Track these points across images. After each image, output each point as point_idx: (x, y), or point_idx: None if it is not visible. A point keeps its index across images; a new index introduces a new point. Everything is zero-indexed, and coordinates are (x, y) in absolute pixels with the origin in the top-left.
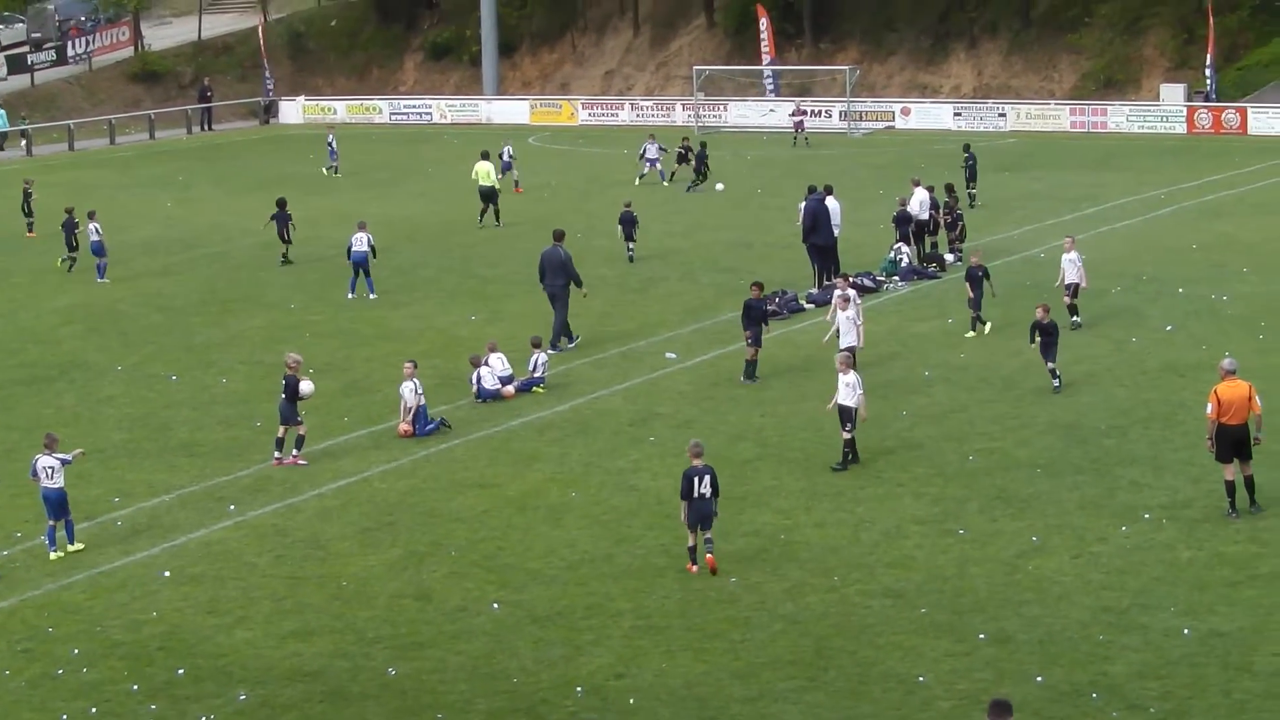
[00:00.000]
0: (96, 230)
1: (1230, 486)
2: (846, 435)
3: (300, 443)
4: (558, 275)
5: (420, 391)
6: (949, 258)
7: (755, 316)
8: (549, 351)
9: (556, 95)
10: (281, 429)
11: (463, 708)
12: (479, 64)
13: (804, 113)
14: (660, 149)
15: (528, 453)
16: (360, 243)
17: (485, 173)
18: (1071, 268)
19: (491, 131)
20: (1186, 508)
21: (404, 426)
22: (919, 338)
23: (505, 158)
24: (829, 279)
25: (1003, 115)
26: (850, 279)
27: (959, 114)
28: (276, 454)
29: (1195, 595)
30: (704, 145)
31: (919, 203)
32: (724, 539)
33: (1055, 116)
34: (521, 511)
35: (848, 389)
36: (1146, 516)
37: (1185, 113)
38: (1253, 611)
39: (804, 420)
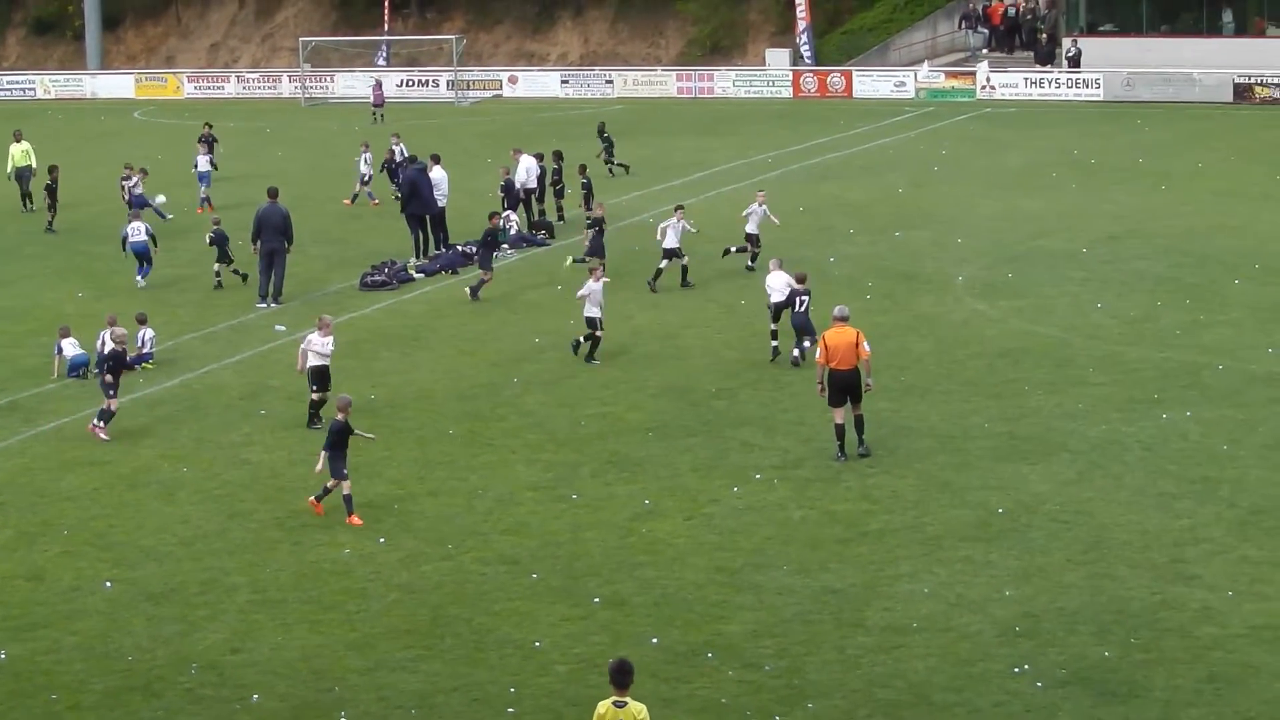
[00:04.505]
0: None
1: (839, 430)
2: (315, 397)
3: (108, 417)
4: (276, 232)
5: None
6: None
7: (489, 243)
8: (272, 305)
9: (162, 69)
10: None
11: (77, 688)
12: (83, 38)
13: (380, 86)
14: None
15: (138, 429)
16: (138, 232)
17: (22, 154)
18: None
19: (96, 106)
20: (798, 467)
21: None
22: (530, 305)
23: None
24: (438, 248)
25: (610, 82)
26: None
27: (566, 81)
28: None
29: (808, 553)
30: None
31: (526, 170)
32: (337, 510)
33: (662, 83)
34: (133, 489)
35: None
36: (758, 477)
37: (791, 77)
38: (864, 568)
39: (415, 391)
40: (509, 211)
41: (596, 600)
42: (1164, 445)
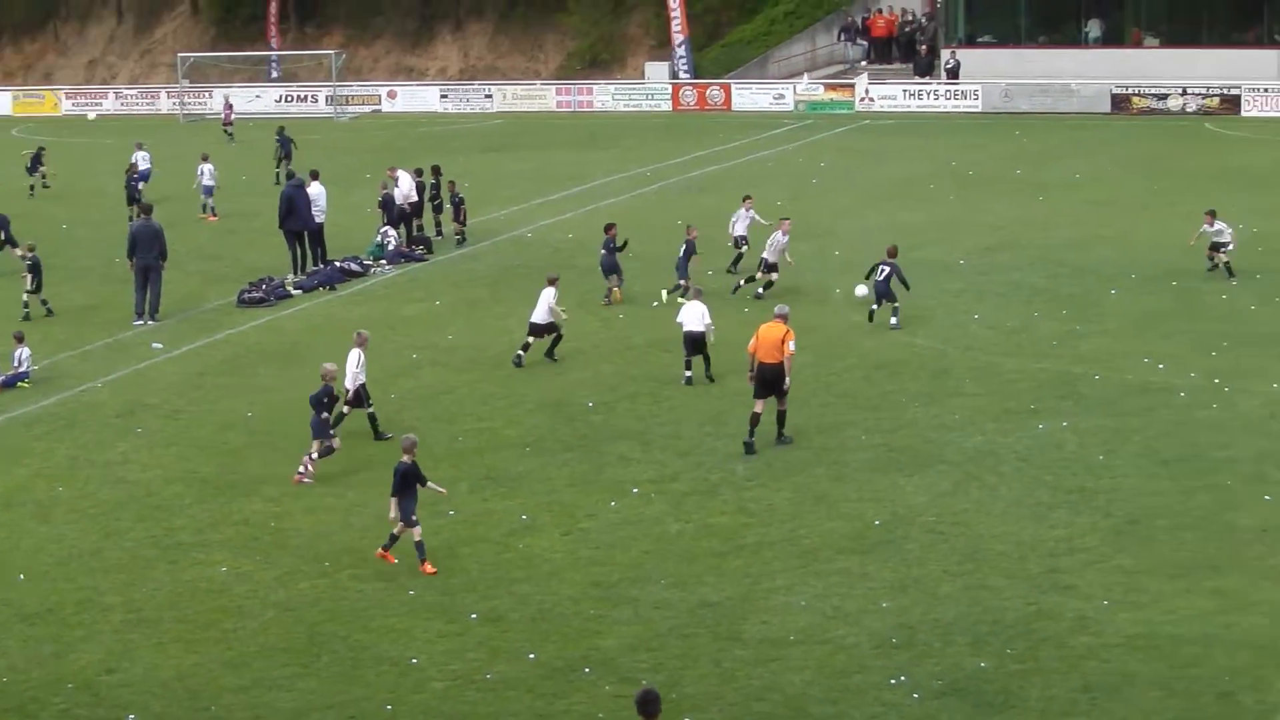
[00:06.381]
0: None
1: (754, 418)
2: (345, 411)
3: (326, 453)
4: (151, 248)
5: None
6: (460, 240)
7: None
8: (149, 322)
9: (39, 85)
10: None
11: None
12: None
13: (230, 106)
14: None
15: (13, 448)
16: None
17: None
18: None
19: None
20: (674, 481)
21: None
22: (407, 320)
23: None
24: (316, 264)
25: (489, 97)
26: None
27: (445, 96)
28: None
29: (684, 567)
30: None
31: (406, 186)
32: (214, 529)
33: (541, 96)
34: (7, 509)
35: None
36: (635, 491)
37: (670, 90)
38: (740, 581)
39: (293, 408)
40: (387, 227)
41: (473, 616)
42: (1040, 455)
